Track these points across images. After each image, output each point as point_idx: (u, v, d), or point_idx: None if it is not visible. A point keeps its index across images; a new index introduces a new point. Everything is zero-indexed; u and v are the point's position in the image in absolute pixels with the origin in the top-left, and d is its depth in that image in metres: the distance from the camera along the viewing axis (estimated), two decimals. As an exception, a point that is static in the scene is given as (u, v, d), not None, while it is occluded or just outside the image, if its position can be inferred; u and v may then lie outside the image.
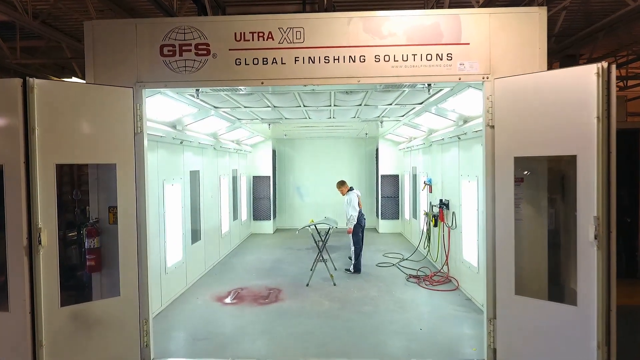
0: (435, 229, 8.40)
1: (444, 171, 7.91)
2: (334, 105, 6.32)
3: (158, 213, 6.09)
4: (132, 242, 4.30)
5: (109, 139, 4.19)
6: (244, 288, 7.25)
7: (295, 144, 13.98)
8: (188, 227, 7.36)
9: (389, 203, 12.84)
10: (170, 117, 6.22)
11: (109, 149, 4.19)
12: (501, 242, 4.17)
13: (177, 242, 6.86)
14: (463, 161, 6.79)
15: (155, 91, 4.82)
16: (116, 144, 4.22)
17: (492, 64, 4.27)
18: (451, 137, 6.95)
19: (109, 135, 4.20)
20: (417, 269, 8.28)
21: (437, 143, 8.19)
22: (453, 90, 5.10)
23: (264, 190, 12.91)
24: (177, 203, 6.88)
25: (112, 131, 4.21)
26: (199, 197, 8.01)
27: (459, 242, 6.98)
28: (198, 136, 7.53)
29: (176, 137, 6.44)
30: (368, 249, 10.54)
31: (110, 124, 4.21)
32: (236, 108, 6.52)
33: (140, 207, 4.37)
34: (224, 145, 9.39)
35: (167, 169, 6.49)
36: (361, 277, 7.96)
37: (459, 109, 6.04)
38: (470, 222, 6.47)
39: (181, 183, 7.04)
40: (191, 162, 7.62)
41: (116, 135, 4.23)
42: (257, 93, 5.32)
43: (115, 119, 4.24)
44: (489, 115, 4.24)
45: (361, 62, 4.30)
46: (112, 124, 4.22)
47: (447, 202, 7.59)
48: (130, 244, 4.29)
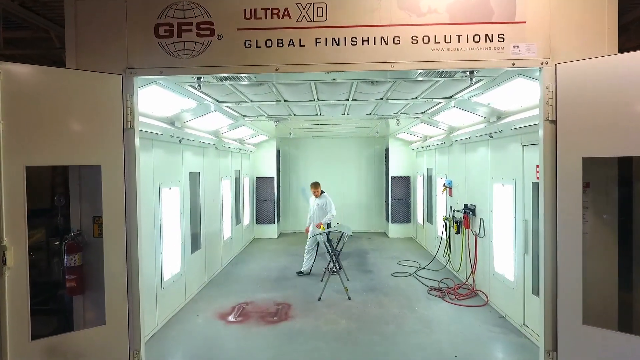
0: (457, 236, 7.70)
1: (469, 173, 7.21)
2: (351, 100, 5.62)
3: (154, 221, 5.39)
4: (120, 259, 3.58)
5: (92, 137, 3.48)
6: (249, 302, 6.54)
7: (300, 143, 13.28)
8: (187, 234, 6.66)
9: (399, 206, 12.14)
10: (168, 113, 5.52)
11: (93, 148, 3.48)
12: (565, 261, 3.46)
13: (175, 253, 6.15)
14: (495, 162, 6.08)
15: (149, 80, 4.11)
16: (101, 142, 3.51)
17: (552, 46, 3.57)
18: (480, 136, 6.25)
19: (93, 132, 3.49)
20: (438, 280, 7.57)
21: (459, 142, 7.49)
22: (496, 81, 4.40)
23: (267, 193, 12.20)
24: (175, 209, 6.18)
25: (96, 127, 3.50)
26: (199, 202, 7.30)
27: (488, 252, 6.28)
28: (198, 134, 6.82)
29: (174, 135, 5.73)
30: (380, 256, 9.88)
31: (95, 118, 3.51)
32: (241, 102, 5.81)
33: (130, 216, 3.67)
34: (226, 145, 8.68)
35: (164, 171, 5.79)
36: (378, 289, 7.25)
37: (495, 103, 5.34)
38: (504, 230, 5.77)
39: (180, 186, 6.33)
40: (191, 163, 6.91)
41: (101, 131, 3.52)
42: (267, 84, 4.61)
43: (100, 112, 3.53)
44: (548, 108, 3.53)
45: (395, 44, 3.59)
46: (96, 118, 3.51)
47: (472, 207, 6.89)
48: (118, 261, 3.58)
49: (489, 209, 6.26)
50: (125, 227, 3.63)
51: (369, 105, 6.25)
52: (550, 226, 3.57)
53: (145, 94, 4.45)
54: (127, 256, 3.65)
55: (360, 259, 9.59)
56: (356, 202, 13.24)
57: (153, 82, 4.16)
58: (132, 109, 3.68)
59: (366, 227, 13.22)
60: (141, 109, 4.74)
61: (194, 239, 7.01)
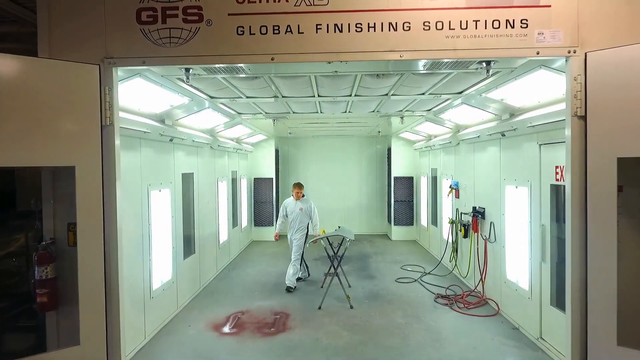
0: (465, 241, 7.31)
1: (478, 174, 6.83)
2: (354, 95, 5.24)
3: (141, 226, 5.00)
4: (96, 271, 3.21)
5: (65, 134, 3.11)
6: (245, 311, 6.15)
7: (299, 143, 12.89)
8: (180, 239, 6.27)
9: (402, 208, 11.76)
10: (157, 109, 5.13)
11: (65, 146, 3.10)
12: (596, 272, 3.08)
13: (165, 259, 5.76)
14: (507, 163, 5.70)
15: (132, 72, 3.72)
16: (75, 140, 3.14)
17: (580, 33, 3.20)
18: (491, 134, 5.87)
19: (66, 129, 3.11)
20: (444, 286, 7.19)
21: (467, 141, 7.11)
22: (514, 74, 4.01)
23: (266, 194, 11.82)
24: (166, 212, 5.79)
25: (70, 123, 3.13)
26: (192, 204, 6.91)
27: (500, 259, 5.90)
28: (192, 133, 6.44)
29: (164, 133, 5.35)
30: (383, 260, 9.49)
31: (68, 113, 3.13)
32: (236, 99, 5.43)
33: (109, 223, 3.29)
34: (222, 144, 8.30)
35: (153, 172, 5.40)
36: (381, 296, 6.87)
37: (510, 99, 4.96)
38: (518, 235, 5.39)
39: (171, 188, 5.94)
40: (184, 163, 6.53)
41: (76, 128, 3.14)
42: (262, 77, 4.23)
43: (75, 107, 3.16)
44: (576, 103, 3.16)
45: (405, 30, 3.22)
46: (70, 113, 3.13)
47: (482, 211, 6.51)
48: (94, 273, 3.20)
49: (500, 213, 5.87)
50: (103, 234, 3.26)
51: (373, 101, 5.87)
52: (578, 233, 3.19)
53: (130, 88, 4.07)
54: (106, 267, 3.28)
55: (362, 263, 9.21)
56: (357, 203, 12.86)
57: (137, 75, 3.77)
58: (112, 104, 3.30)
59: (368, 229, 12.84)
60: (126, 104, 4.37)
61: (187, 244, 6.63)
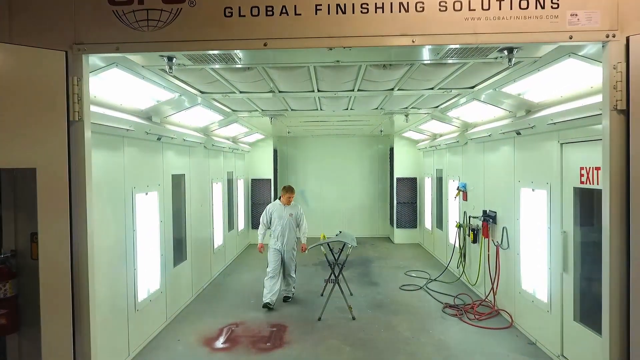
0: (474, 246, 6.89)
1: (488, 175, 6.40)
2: (357, 90, 4.81)
3: (125, 233, 4.58)
4: (62, 288, 2.78)
5: (24, 131, 2.68)
6: (239, 323, 5.73)
7: (299, 142, 12.47)
8: (169, 245, 5.85)
9: (405, 210, 11.34)
10: (142, 105, 4.71)
11: (24, 145, 2.68)
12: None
13: (153, 268, 5.34)
14: (522, 163, 5.28)
15: (107, 60, 3.30)
16: (36, 137, 2.71)
17: (621, 14, 2.76)
18: (504, 133, 5.44)
19: (25, 125, 2.68)
20: (453, 295, 6.76)
21: (476, 140, 6.68)
22: (537, 64, 3.59)
23: (264, 195, 11.40)
24: (153, 217, 5.37)
25: (29, 118, 2.70)
26: (184, 207, 6.49)
27: (514, 267, 5.47)
28: (183, 131, 6.01)
29: (151, 131, 4.92)
30: (386, 265, 9.07)
31: (29, 106, 2.70)
32: (229, 94, 5.00)
33: (78, 232, 2.86)
34: (217, 144, 7.87)
35: (139, 174, 4.98)
36: (385, 306, 6.45)
37: (528, 94, 4.54)
38: (535, 242, 4.97)
39: (160, 191, 5.52)
40: (174, 164, 6.11)
41: (37, 124, 2.72)
42: (256, 68, 3.79)
43: (36, 100, 2.73)
44: (616, 94, 2.73)
45: (418, 11, 2.79)
46: (30, 106, 2.71)
47: (493, 215, 6.08)
48: (60, 290, 2.77)
49: (514, 217, 5.45)
50: (70, 245, 2.83)
51: (377, 97, 5.45)
52: (618, 242, 2.76)
53: (107, 80, 3.66)
54: (74, 282, 2.84)
55: (364, 268, 8.79)
56: (358, 205, 12.44)
57: (113, 64, 3.35)
58: (81, 96, 2.86)
59: (369, 231, 12.42)
60: (105, 98, 3.96)
61: (177, 250, 6.20)
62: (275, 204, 6.63)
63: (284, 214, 6.45)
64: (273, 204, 6.64)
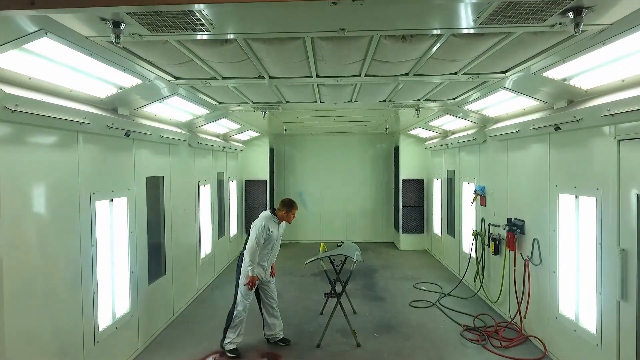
0: (495, 258, 6.04)
1: (513, 178, 5.56)
2: (365, 76, 3.96)
3: (80, 250, 3.73)
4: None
5: None
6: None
7: (296, 141, 11.62)
8: (142, 260, 5.00)
9: (411, 214, 10.48)
10: (101, 92, 3.85)
11: None
12: None
13: (120, 288, 4.49)
14: (561, 164, 4.43)
15: (28, 23, 2.44)
16: None
17: None
18: (537, 128, 4.59)
19: None
20: (472, 315, 5.91)
21: (498, 138, 5.83)
22: (608, 33, 2.72)
23: (259, 198, 10.55)
24: (121, 228, 4.52)
25: None
26: (162, 215, 5.64)
27: (548, 286, 4.63)
28: (159, 127, 5.15)
29: (115, 125, 4.06)
30: (392, 275, 8.23)
31: None
32: (210, 80, 4.15)
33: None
34: (204, 142, 7.01)
35: (100, 177, 4.13)
36: (394, 327, 5.60)
37: (577, 79, 3.68)
38: (578, 259, 4.12)
39: (130, 196, 4.67)
40: (149, 164, 5.25)
41: None
42: (236, 41, 2.91)
43: None
44: None
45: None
46: None
47: (520, 224, 5.23)
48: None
49: (548, 228, 4.61)
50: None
51: (386, 86, 4.59)
52: None
53: (43, 58, 2.81)
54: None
55: (367, 279, 7.94)
56: (361, 208, 11.59)
57: (41, 31, 2.48)
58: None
59: (372, 236, 11.57)
60: (44, 81, 3.10)
61: (154, 264, 5.36)
62: (270, 219, 4.82)
63: (277, 233, 4.89)
64: (268, 219, 4.78)
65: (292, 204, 4.92)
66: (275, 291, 5.13)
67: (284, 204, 4.90)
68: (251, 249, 4.57)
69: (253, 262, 4.59)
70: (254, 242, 4.60)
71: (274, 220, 4.85)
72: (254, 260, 4.59)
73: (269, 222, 4.79)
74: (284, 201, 4.93)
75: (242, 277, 4.71)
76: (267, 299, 5.02)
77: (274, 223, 4.84)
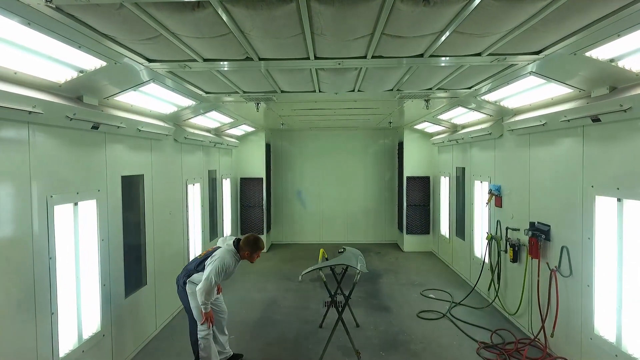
0: (514, 266, 5.44)
1: (536, 177, 4.95)
2: (371, 57, 3.34)
3: (32, 264, 3.12)
4: None
5: None
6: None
7: (294, 136, 11.00)
8: (117, 270, 4.40)
9: (416, 213, 9.88)
10: (57, 76, 3.23)
11: None
12: None
13: (88, 304, 3.90)
14: (598, 162, 3.82)
15: None
16: None
17: None
18: (569, 120, 3.98)
19: None
20: (488, 329, 5.32)
21: (519, 132, 5.22)
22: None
23: (255, 197, 9.94)
24: (89, 235, 3.92)
25: None
26: (142, 218, 5.03)
27: (581, 302, 4.03)
28: (136, 119, 4.53)
29: (77, 116, 3.44)
30: (397, 280, 7.64)
31: None
32: (189, 63, 3.52)
33: None
34: (193, 137, 6.39)
35: (61, 176, 3.52)
36: (402, 344, 5.02)
37: (628, 60, 3.06)
38: (621, 274, 3.52)
39: (101, 198, 4.06)
40: (126, 162, 4.64)
41: None
42: (211, 4, 2.30)
43: None
44: None
45: None
46: None
47: (545, 229, 4.63)
48: None
49: (582, 235, 4.00)
50: None
51: (396, 70, 3.97)
52: None
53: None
54: None
55: (370, 285, 7.35)
56: (362, 207, 10.99)
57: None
58: None
59: (374, 237, 10.98)
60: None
61: (132, 274, 4.76)
62: (233, 255, 4.09)
63: (235, 268, 4.18)
64: (231, 256, 4.07)
65: (257, 244, 4.13)
66: (224, 303, 4.58)
67: (249, 243, 4.11)
68: (207, 289, 3.84)
69: (207, 302, 3.92)
70: (211, 282, 3.86)
71: (236, 258, 4.13)
72: (209, 299, 3.91)
73: (232, 259, 4.08)
74: (249, 240, 4.13)
75: (193, 307, 4.11)
76: (217, 315, 4.42)
77: (235, 261, 4.13)
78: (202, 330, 4.08)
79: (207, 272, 3.91)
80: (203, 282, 3.87)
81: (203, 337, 4.08)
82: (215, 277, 3.88)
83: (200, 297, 3.88)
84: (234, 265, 4.11)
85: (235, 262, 4.13)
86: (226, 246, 4.15)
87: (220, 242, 4.31)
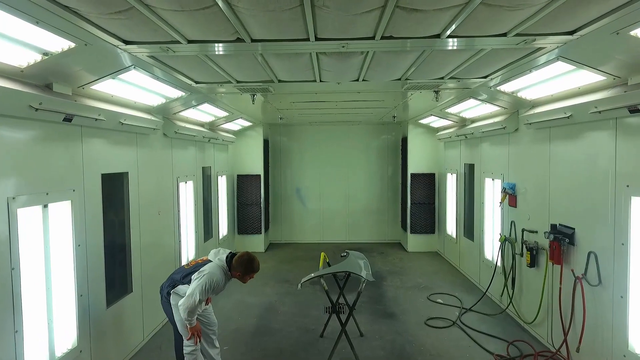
0: (531, 271, 5.03)
1: (557, 174, 4.52)
2: (381, 38, 2.91)
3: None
4: None
5: None
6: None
7: (294, 131, 10.56)
8: (97, 278, 3.98)
9: (421, 212, 9.46)
10: (17, 60, 2.79)
11: None
12: None
13: (63, 318, 3.48)
14: (633, 159, 3.39)
15: None
16: None
17: None
18: (601, 112, 3.55)
19: None
20: (504, 339, 4.91)
21: (537, 125, 4.79)
22: None
23: (252, 194, 9.52)
24: (62, 241, 3.50)
25: None
26: (127, 220, 4.61)
27: (612, 314, 3.62)
28: (119, 111, 4.10)
29: (45, 106, 3.01)
30: (402, 283, 7.24)
31: None
32: (171, 45, 3.09)
33: None
34: (184, 131, 5.96)
35: (25, 175, 3.09)
36: (410, 356, 4.61)
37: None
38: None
39: (76, 199, 3.64)
40: (107, 158, 4.22)
41: None
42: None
43: None
44: None
45: None
46: None
47: (569, 232, 4.21)
48: None
49: (613, 240, 3.59)
50: None
51: (407, 56, 3.53)
52: None
53: None
54: None
55: (374, 289, 6.94)
56: (365, 206, 10.57)
57: None
58: None
59: (377, 236, 10.58)
60: None
61: (116, 281, 4.35)
62: (225, 273, 3.67)
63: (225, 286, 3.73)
64: (223, 273, 3.64)
65: (251, 266, 3.67)
66: (213, 314, 4.13)
67: (242, 263, 3.66)
68: (189, 307, 3.42)
69: (191, 319, 3.52)
70: (195, 301, 3.41)
71: (227, 276, 3.69)
72: (192, 317, 3.51)
73: (222, 276, 3.61)
74: (242, 259, 3.67)
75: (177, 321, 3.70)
76: (205, 328, 3.99)
77: (226, 278, 3.68)
78: (188, 346, 3.67)
79: (191, 288, 3.47)
80: (186, 298, 3.44)
81: (189, 353, 3.67)
82: (200, 295, 3.42)
83: (182, 314, 3.46)
84: (224, 283, 3.65)
85: (226, 280, 3.68)
86: (217, 261, 3.71)
87: (212, 255, 3.86)
